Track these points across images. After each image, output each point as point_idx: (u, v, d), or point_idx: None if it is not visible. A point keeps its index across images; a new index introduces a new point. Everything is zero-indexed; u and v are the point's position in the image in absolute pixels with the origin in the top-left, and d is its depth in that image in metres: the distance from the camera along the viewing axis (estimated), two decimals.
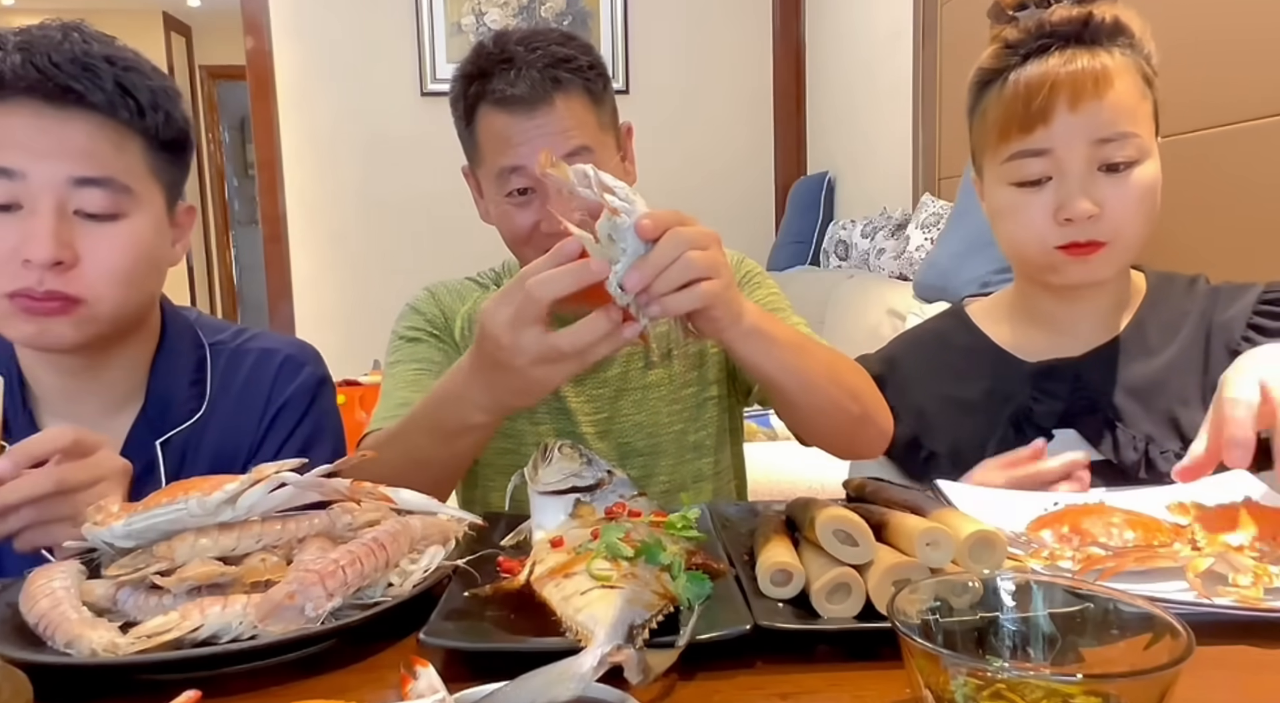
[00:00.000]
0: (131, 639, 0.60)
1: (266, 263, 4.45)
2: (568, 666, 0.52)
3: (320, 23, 4.27)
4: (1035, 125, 0.99)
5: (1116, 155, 0.98)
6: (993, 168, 1.05)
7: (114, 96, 0.92)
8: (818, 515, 0.67)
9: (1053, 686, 0.46)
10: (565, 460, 0.81)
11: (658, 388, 1.22)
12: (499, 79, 1.10)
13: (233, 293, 8.54)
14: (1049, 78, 0.98)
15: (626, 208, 0.77)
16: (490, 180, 1.15)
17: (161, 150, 0.97)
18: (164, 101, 0.96)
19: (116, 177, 0.92)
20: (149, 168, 0.96)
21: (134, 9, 7.26)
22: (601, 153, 1.14)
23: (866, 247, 3.35)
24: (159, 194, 0.98)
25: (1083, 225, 0.99)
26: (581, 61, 1.14)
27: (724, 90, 4.51)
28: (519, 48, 1.11)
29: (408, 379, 1.17)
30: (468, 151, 1.20)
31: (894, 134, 3.47)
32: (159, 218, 0.98)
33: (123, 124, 0.93)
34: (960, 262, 2.36)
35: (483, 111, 1.13)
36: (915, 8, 3.26)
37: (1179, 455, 0.86)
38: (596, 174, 0.79)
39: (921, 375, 1.16)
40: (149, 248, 0.97)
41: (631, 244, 0.77)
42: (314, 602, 0.63)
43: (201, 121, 8.20)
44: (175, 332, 1.07)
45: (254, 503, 0.70)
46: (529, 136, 1.10)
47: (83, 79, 0.90)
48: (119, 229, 0.93)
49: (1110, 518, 0.75)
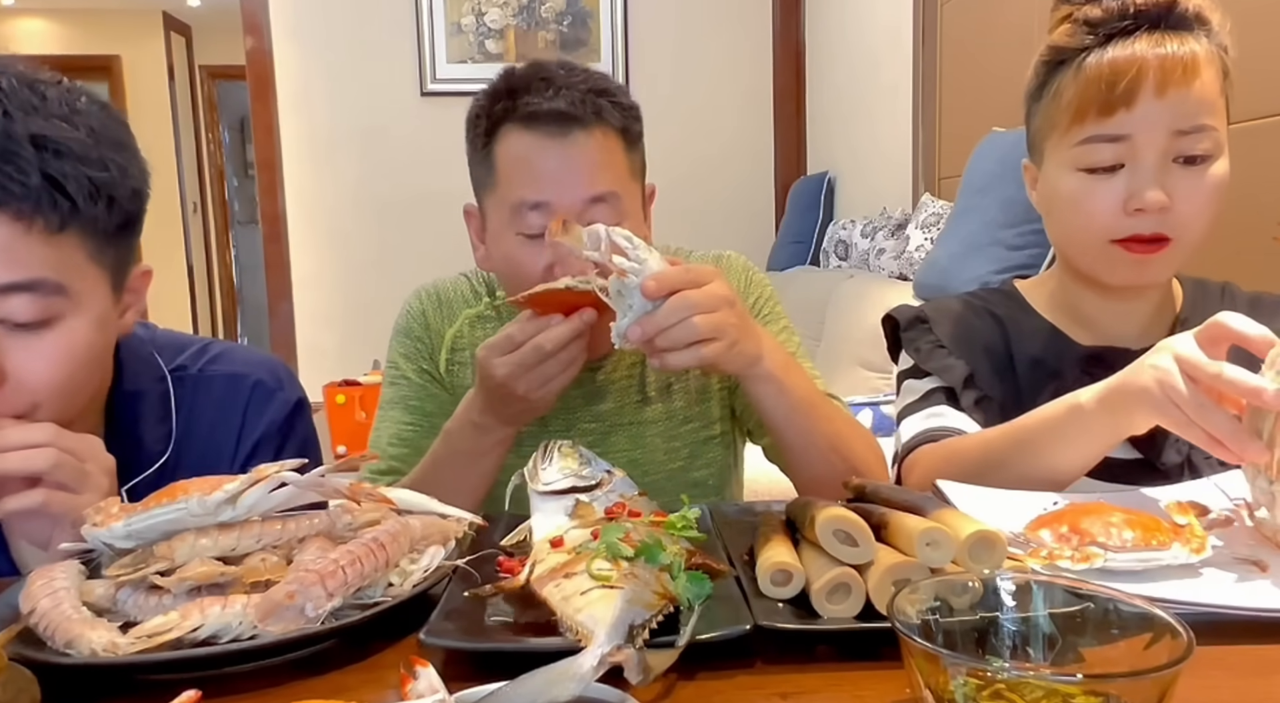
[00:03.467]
0: (131, 639, 0.60)
1: (266, 263, 4.45)
2: (568, 666, 0.52)
3: (320, 22, 4.27)
4: (1116, 109, 0.93)
5: (1194, 148, 0.93)
6: (1059, 152, 0.99)
7: (40, 193, 0.76)
8: (818, 515, 0.67)
9: (1053, 686, 0.46)
10: (565, 460, 0.81)
11: (654, 424, 1.17)
12: (533, 94, 1.00)
13: (233, 293, 8.54)
14: (1137, 60, 0.92)
15: (635, 268, 0.79)
16: (502, 211, 1.04)
17: (105, 238, 0.83)
18: (106, 187, 0.80)
19: (47, 277, 0.78)
20: (89, 256, 0.81)
21: (134, 9, 7.27)
22: (629, 202, 1.05)
23: (866, 247, 3.35)
24: (103, 281, 0.84)
25: (1152, 217, 0.94)
26: (624, 100, 1.06)
27: (724, 90, 4.52)
28: (559, 70, 1.03)
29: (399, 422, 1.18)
30: (477, 179, 1.09)
31: (894, 134, 3.47)
32: (102, 309, 0.84)
33: (54, 223, 0.78)
34: (960, 262, 2.36)
35: (506, 132, 1.03)
36: (915, 8, 3.26)
37: (1222, 464, 0.83)
38: (609, 234, 0.80)
39: (968, 330, 1.10)
40: (89, 350, 0.83)
41: (637, 303, 0.79)
42: (314, 602, 0.63)
43: (201, 121, 8.20)
44: (132, 369, 0.96)
45: (254, 503, 0.70)
46: (555, 168, 1.00)
47: (2, 173, 0.74)
48: (53, 337, 0.80)
49: (1109, 518, 0.75)
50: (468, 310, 1.21)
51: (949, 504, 0.76)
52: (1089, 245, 0.99)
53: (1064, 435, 0.88)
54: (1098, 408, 0.84)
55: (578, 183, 1.01)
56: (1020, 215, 2.17)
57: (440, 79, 4.26)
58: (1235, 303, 1.07)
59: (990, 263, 2.22)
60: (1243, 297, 1.09)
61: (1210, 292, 1.09)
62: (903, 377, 1.13)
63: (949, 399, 1.06)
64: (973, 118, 2.86)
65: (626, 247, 0.80)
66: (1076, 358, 1.03)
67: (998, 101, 2.73)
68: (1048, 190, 1.03)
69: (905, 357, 1.13)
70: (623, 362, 1.18)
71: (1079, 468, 0.90)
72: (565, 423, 1.16)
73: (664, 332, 0.80)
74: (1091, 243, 0.99)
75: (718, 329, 0.81)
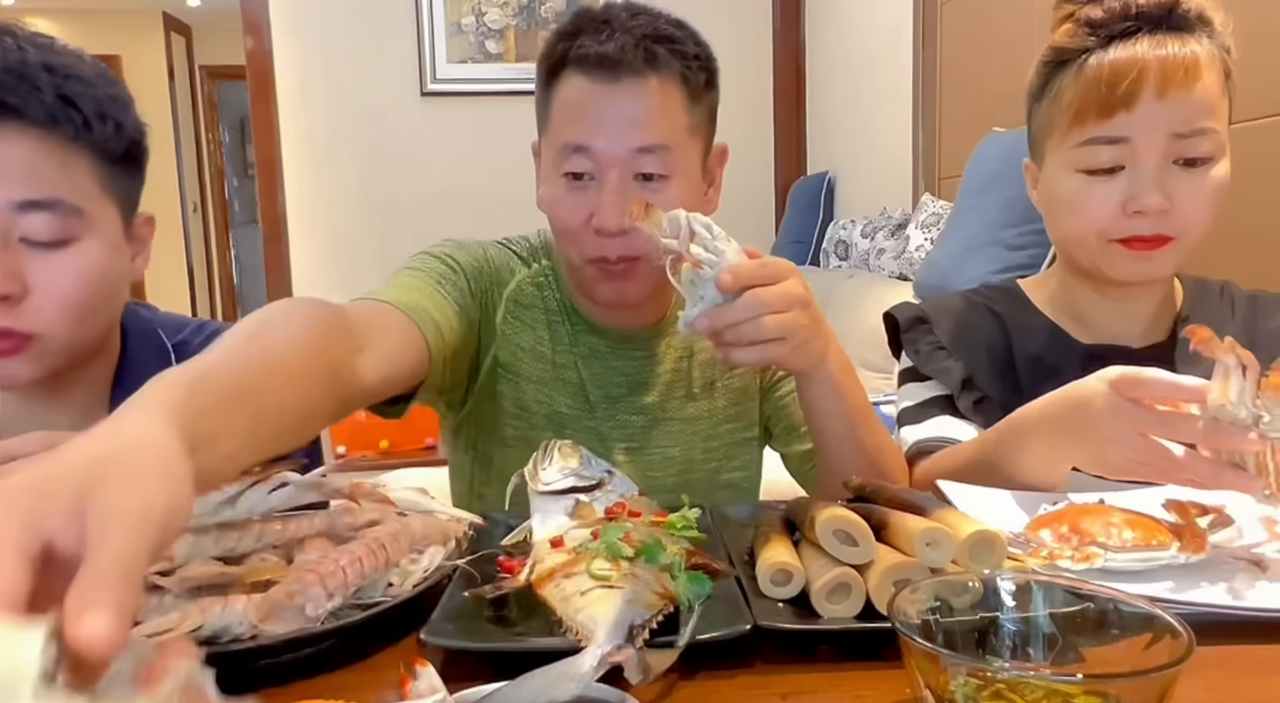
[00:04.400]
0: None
1: (266, 263, 4.45)
2: (568, 666, 0.52)
3: (320, 23, 4.27)
4: (1116, 110, 0.93)
5: (1195, 150, 0.93)
6: (1059, 153, 1.00)
7: (55, 109, 0.83)
8: (818, 516, 0.67)
9: (1053, 686, 0.46)
10: (565, 460, 0.81)
11: (696, 422, 1.14)
12: (590, 36, 0.98)
13: (233, 293, 8.54)
14: (1138, 62, 0.92)
15: (711, 260, 0.78)
16: (552, 151, 1.03)
17: (113, 164, 0.89)
18: (113, 111, 0.88)
19: (64, 198, 0.85)
20: (100, 184, 0.88)
21: (134, 9, 7.28)
22: (682, 157, 1.02)
23: (866, 247, 3.35)
24: (113, 211, 0.91)
25: (1151, 219, 0.94)
26: (688, 48, 1.02)
27: (723, 91, 4.50)
28: (623, 13, 1.00)
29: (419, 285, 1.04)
30: (539, 119, 1.08)
31: (894, 134, 3.47)
32: (115, 237, 0.91)
33: (68, 139, 0.84)
34: (960, 262, 2.36)
35: (565, 75, 1.01)
36: (915, 8, 3.26)
37: None
38: (689, 221, 0.79)
39: (969, 329, 1.10)
40: (104, 273, 0.89)
41: (710, 294, 0.79)
42: (314, 602, 0.63)
43: (201, 121, 8.21)
44: (138, 340, 1.01)
45: (254, 504, 0.70)
46: (602, 112, 0.98)
47: (19, 91, 0.81)
48: (70, 256, 0.86)
49: (1109, 518, 0.75)
50: (525, 270, 1.14)
51: (949, 504, 0.76)
52: (1090, 244, 0.99)
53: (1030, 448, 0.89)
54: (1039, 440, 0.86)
55: (622, 131, 0.98)
56: (1020, 215, 2.16)
57: (440, 79, 4.25)
58: (1234, 301, 1.07)
59: (990, 263, 2.22)
60: (1241, 295, 1.09)
61: (1210, 290, 1.09)
62: (903, 378, 1.13)
63: (948, 408, 1.07)
64: (973, 118, 2.86)
65: (705, 236, 0.79)
66: (1077, 356, 1.03)
67: (998, 101, 2.73)
68: (1048, 190, 1.04)
69: (905, 357, 1.13)
70: (669, 353, 1.15)
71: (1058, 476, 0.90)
72: (609, 413, 1.12)
73: (733, 327, 0.79)
74: (1092, 243, 0.99)
75: (786, 329, 0.80)
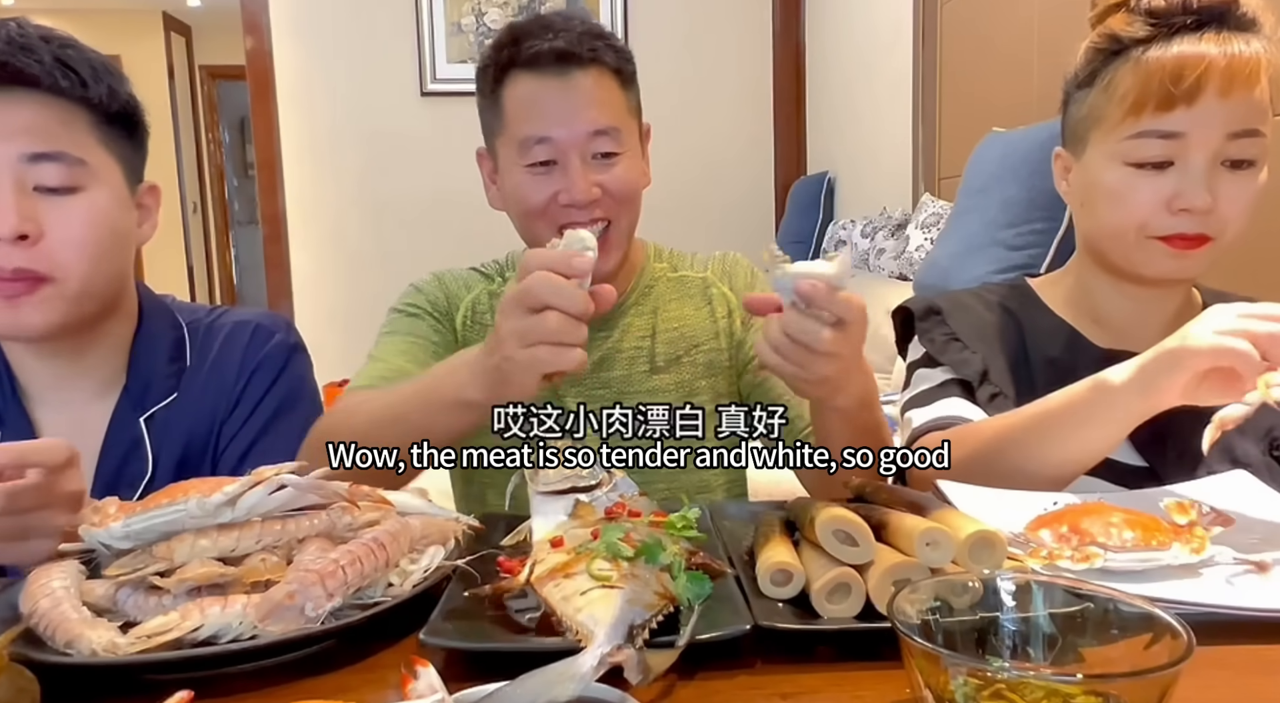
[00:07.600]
0: (131, 639, 0.60)
1: (266, 263, 4.45)
2: (568, 666, 0.52)
3: (320, 23, 4.27)
4: (1177, 105, 0.91)
5: (1244, 152, 0.93)
6: (1106, 143, 0.98)
7: (53, 70, 0.93)
8: (818, 516, 0.67)
9: (1053, 686, 0.46)
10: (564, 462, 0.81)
11: (663, 393, 1.20)
12: (535, 38, 1.09)
13: (233, 293, 8.54)
14: (1205, 58, 0.90)
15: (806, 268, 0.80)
16: (511, 149, 1.12)
17: (110, 124, 0.99)
18: (105, 75, 0.98)
19: (68, 151, 0.94)
20: (99, 141, 0.98)
21: (134, 9, 7.28)
22: (628, 137, 1.14)
23: (866, 246, 3.35)
24: (115, 168, 1.00)
25: (1195, 218, 0.93)
26: (616, 43, 1.15)
27: (724, 90, 4.51)
28: (557, 18, 1.12)
29: (400, 348, 1.16)
30: (488, 124, 1.17)
31: (894, 134, 3.47)
32: (119, 191, 1.00)
33: (66, 99, 0.94)
34: (960, 262, 2.36)
35: (512, 77, 1.11)
36: (915, 8, 3.26)
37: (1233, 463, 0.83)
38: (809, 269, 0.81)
39: (983, 325, 1.09)
40: (112, 220, 0.98)
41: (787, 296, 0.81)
42: (314, 602, 0.63)
43: (201, 121, 8.21)
44: (153, 314, 1.10)
45: (254, 505, 0.69)
46: (558, 103, 1.09)
47: (20, 57, 0.92)
48: (79, 201, 0.95)
49: (1109, 518, 0.75)
50: (486, 284, 1.25)
51: (949, 504, 0.76)
52: (1128, 239, 0.98)
53: (1088, 416, 0.87)
54: (1128, 384, 0.83)
55: (580, 118, 1.09)
56: (1020, 215, 2.16)
57: (440, 79, 4.26)
58: None
59: (990, 263, 2.22)
60: None
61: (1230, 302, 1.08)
62: (914, 367, 1.11)
63: (963, 391, 1.05)
64: (973, 118, 2.86)
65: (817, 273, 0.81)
66: (1093, 360, 1.01)
67: (998, 101, 2.73)
68: (1086, 181, 1.02)
69: (916, 347, 1.11)
70: (631, 332, 1.22)
71: (1094, 453, 0.89)
72: (577, 391, 1.18)
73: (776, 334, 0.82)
74: (1131, 237, 0.97)
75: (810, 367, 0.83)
